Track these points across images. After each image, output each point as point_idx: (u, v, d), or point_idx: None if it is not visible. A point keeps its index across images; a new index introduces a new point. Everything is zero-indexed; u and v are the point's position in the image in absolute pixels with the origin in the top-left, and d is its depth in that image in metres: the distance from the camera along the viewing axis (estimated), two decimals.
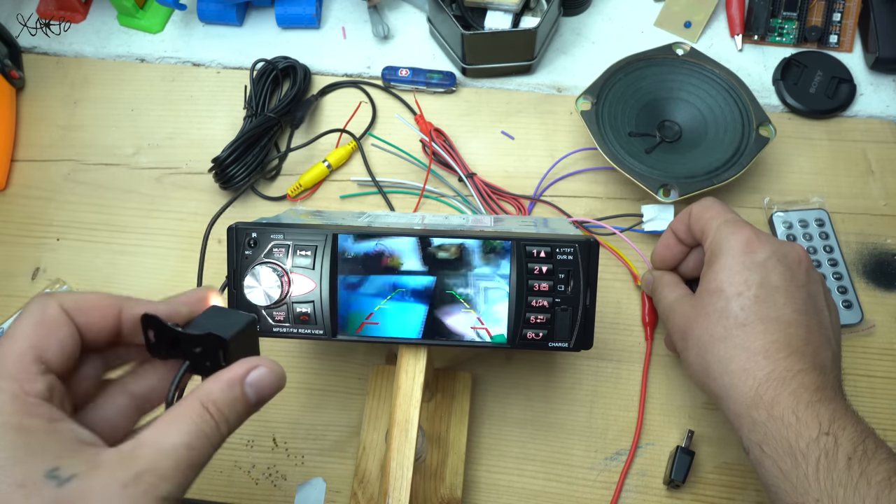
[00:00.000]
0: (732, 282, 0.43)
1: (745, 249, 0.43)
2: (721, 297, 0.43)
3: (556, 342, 0.44)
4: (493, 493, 0.53)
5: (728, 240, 0.44)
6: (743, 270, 0.43)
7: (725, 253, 0.44)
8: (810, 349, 0.41)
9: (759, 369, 0.40)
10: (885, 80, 0.66)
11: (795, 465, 0.37)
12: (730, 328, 0.42)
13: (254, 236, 0.44)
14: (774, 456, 0.38)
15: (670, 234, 0.51)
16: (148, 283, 0.60)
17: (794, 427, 0.38)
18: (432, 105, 0.66)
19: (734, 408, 0.41)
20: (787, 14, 0.67)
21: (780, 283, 0.42)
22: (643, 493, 0.52)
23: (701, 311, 0.44)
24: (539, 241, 0.44)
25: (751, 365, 0.41)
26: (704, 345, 0.43)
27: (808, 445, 0.37)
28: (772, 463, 0.38)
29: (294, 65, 0.66)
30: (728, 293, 0.43)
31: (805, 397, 0.39)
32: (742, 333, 0.42)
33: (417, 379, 0.45)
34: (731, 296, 0.42)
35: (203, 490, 0.54)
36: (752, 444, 0.40)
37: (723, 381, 0.42)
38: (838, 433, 0.37)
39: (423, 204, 0.62)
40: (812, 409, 0.38)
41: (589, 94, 0.60)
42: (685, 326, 0.45)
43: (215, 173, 0.61)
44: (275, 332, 0.45)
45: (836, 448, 0.37)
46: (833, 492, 0.35)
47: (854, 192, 0.61)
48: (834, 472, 0.36)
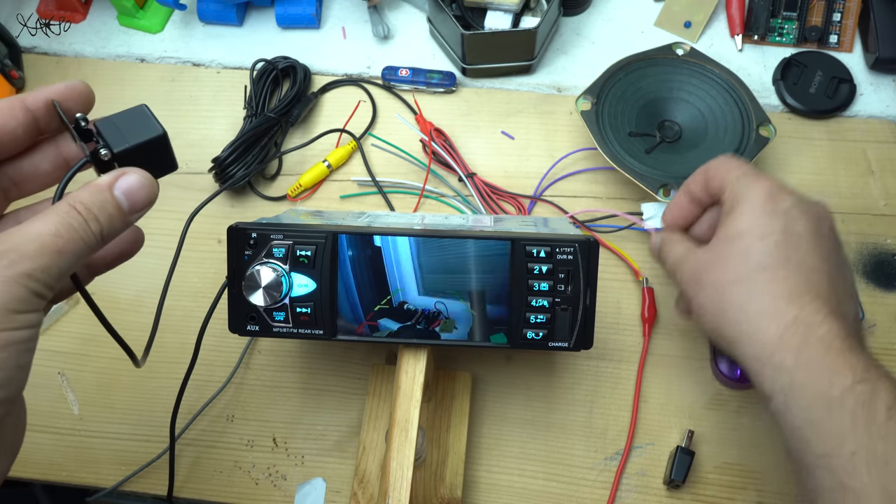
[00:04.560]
0: (754, 226, 0.40)
1: (769, 197, 0.41)
2: (741, 240, 0.41)
3: (556, 342, 0.44)
4: (493, 493, 0.53)
5: (749, 188, 0.42)
6: (765, 216, 0.41)
7: (746, 200, 0.41)
8: (835, 298, 0.39)
9: (782, 314, 0.38)
10: (885, 80, 0.66)
11: (829, 414, 0.34)
12: (750, 271, 0.40)
13: (254, 236, 0.44)
14: (803, 404, 0.36)
15: (684, 193, 0.48)
16: (147, 283, 0.60)
17: (825, 374, 0.35)
18: (432, 105, 0.66)
19: (754, 352, 0.38)
20: (787, 14, 0.67)
21: (804, 231, 0.40)
22: (643, 493, 0.52)
23: (718, 255, 0.42)
24: (539, 240, 0.44)
25: (774, 309, 0.38)
26: (721, 288, 0.41)
27: (842, 394, 0.34)
28: (799, 411, 0.36)
29: (294, 65, 0.66)
30: (749, 237, 0.40)
31: (835, 344, 0.36)
32: (764, 277, 0.39)
33: (417, 379, 0.45)
34: (753, 240, 0.40)
35: (203, 490, 0.54)
36: (774, 391, 0.37)
37: (741, 326, 0.39)
38: (875, 382, 0.35)
39: (423, 204, 0.62)
40: (843, 356, 0.36)
41: (589, 94, 0.60)
42: (699, 271, 0.43)
43: (215, 173, 0.61)
44: (275, 332, 0.45)
45: (874, 397, 0.34)
46: (871, 444, 0.33)
47: (854, 192, 0.61)
48: (873, 423, 0.33)
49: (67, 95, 0.36)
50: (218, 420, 0.56)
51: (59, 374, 0.58)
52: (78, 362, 0.58)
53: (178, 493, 0.54)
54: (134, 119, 0.35)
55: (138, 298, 0.60)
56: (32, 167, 0.37)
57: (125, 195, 0.33)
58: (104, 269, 0.41)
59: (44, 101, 0.35)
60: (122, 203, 0.33)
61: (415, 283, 0.44)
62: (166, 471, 0.53)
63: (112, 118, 0.35)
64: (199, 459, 0.55)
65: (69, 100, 0.36)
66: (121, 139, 0.34)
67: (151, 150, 0.35)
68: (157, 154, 0.36)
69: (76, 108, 0.36)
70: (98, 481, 0.54)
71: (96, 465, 0.55)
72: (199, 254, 0.61)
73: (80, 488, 0.56)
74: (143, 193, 0.34)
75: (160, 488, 0.53)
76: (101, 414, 0.56)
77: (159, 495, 0.54)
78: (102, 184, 0.33)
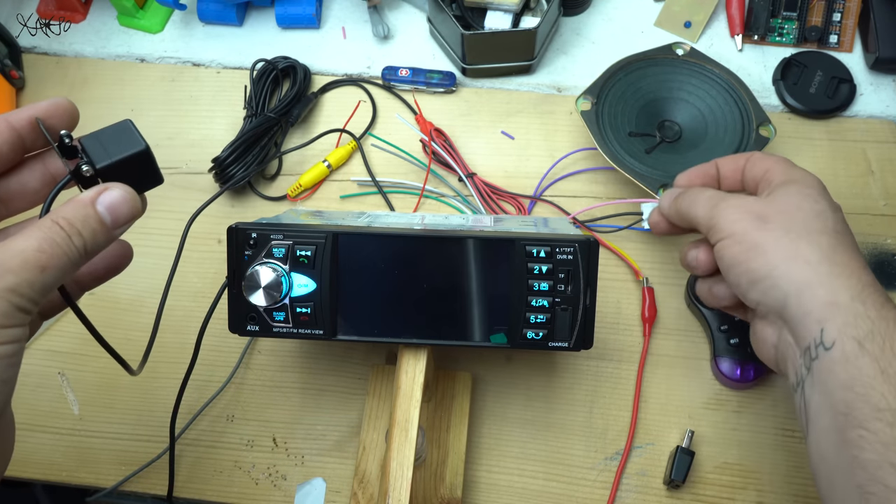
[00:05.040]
0: (827, 198, 0.42)
1: (824, 188, 0.43)
2: (818, 201, 0.41)
3: (556, 342, 0.44)
4: (493, 493, 0.53)
5: (810, 176, 0.43)
6: (827, 199, 0.42)
7: (811, 179, 0.43)
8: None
9: (862, 273, 0.38)
10: (885, 80, 0.66)
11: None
12: (830, 229, 0.40)
13: (254, 236, 0.44)
14: (878, 355, 0.35)
15: (711, 166, 0.49)
16: (147, 283, 0.60)
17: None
18: (432, 105, 0.66)
19: (830, 296, 0.38)
20: (787, 14, 0.67)
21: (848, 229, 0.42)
22: (643, 493, 0.52)
23: (793, 205, 0.41)
24: (539, 240, 0.44)
25: (854, 266, 0.39)
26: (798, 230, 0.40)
27: None
28: (871, 361, 0.35)
29: (294, 65, 0.66)
30: (825, 203, 0.41)
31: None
32: (843, 241, 0.40)
33: (417, 379, 0.45)
34: (828, 206, 0.41)
35: (203, 490, 0.54)
36: (845, 337, 0.36)
37: (822, 267, 0.38)
38: None
39: (423, 204, 0.62)
40: None
41: (589, 94, 0.60)
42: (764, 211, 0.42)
43: (215, 173, 0.61)
44: (275, 332, 0.45)
45: None
46: None
47: (854, 192, 0.61)
48: None
49: (52, 113, 0.36)
50: (218, 420, 0.56)
51: (59, 374, 0.58)
52: (78, 362, 0.58)
53: (178, 493, 0.54)
54: (118, 134, 0.36)
55: (138, 298, 0.60)
56: (20, 185, 0.37)
57: (108, 210, 0.34)
58: (93, 283, 0.41)
59: (28, 120, 0.36)
60: (105, 218, 0.34)
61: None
62: (166, 471, 0.53)
63: (96, 134, 0.35)
64: (199, 459, 0.55)
65: (53, 117, 0.36)
66: (104, 155, 0.35)
67: (134, 165, 0.36)
68: (140, 168, 0.36)
69: (61, 126, 0.36)
70: (98, 481, 0.54)
71: (96, 465, 0.55)
72: (199, 254, 0.61)
73: (80, 488, 0.56)
74: (125, 208, 0.34)
75: (160, 488, 0.53)
76: (101, 414, 0.56)
77: (159, 495, 0.54)
78: (85, 199, 0.33)
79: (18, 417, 0.56)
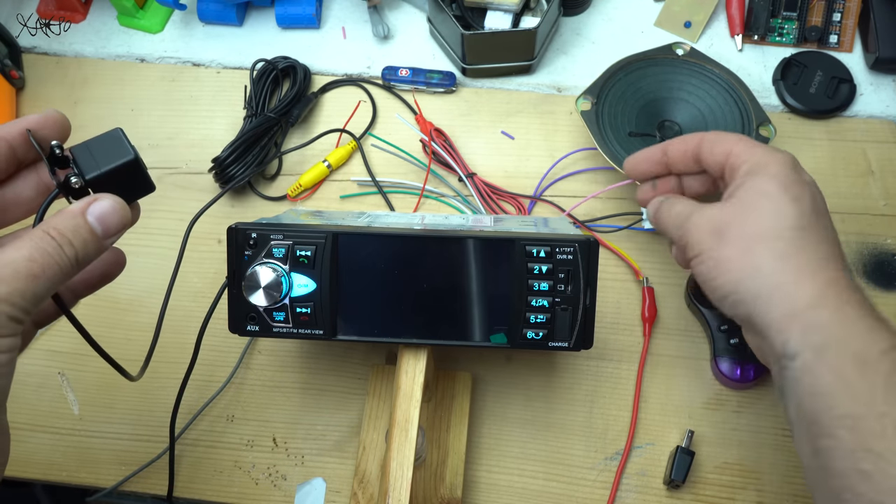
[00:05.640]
0: (788, 188, 0.40)
1: (794, 167, 0.42)
2: (773, 200, 0.40)
3: (556, 342, 0.44)
4: (493, 493, 0.53)
5: (773, 156, 0.42)
6: (795, 184, 0.41)
7: (775, 164, 0.41)
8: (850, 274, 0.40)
9: (822, 271, 0.38)
10: (885, 80, 0.66)
11: (862, 374, 0.34)
12: (787, 228, 0.39)
13: (254, 236, 0.44)
14: (835, 362, 0.35)
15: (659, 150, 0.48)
16: (147, 283, 0.60)
17: (864, 335, 0.35)
18: (432, 105, 0.66)
19: (787, 307, 0.37)
20: (787, 14, 0.67)
21: (823, 207, 0.41)
22: (643, 493, 0.52)
23: (747, 210, 0.41)
24: (539, 240, 0.44)
25: (813, 266, 0.38)
26: (753, 241, 0.40)
27: (878, 357, 0.34)
28: (829, 369, 0.35)
29: (294, 65, 0.66)
30: (784, 197, 0.40)
31: (871, 311, 0.36)
32: (803, 236, 0.39)
33: (417, 379, 0.45)
34: (788, 200, 0.40)
35: (203, 490, 0.54)
36: (805, 347, 0.36)
37: (775, 278, 0.38)
38: None
39: (423, 204, 0.62)
40: (880, 322, 0.36)
41: (589, 94, 0.60)
42: (720, 224, 0.41)
43: (215, 173, 0.61)
44: (275, 333, 0.45)
45: None
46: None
47: (854, 192, 0.61)
48: None
49: (43, 125, 0.36)
50: (218, 420, 0.56)
51: (59, 374, 0.58)
52: (78, 362, 0.58)
53: (178, 493, 0.54)
54: (108, 144, 0.36)
55: (138, 299, 0.60)
56: (14, 195, 0.37)
57: (98, 220, 0.34)
58: (87, 291, 0.41)
59: (20, 132, 0.36)
60: (96, 228, 0.34)
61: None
62: (166, 471, 0.53)
63: (87, 143, 0.36)
64: (199, 459, 0.55)
65: (45, 129, 0.37)
66: (93, 165, 0.35)
67: (124, 175, 0.36)
68: (130, 178, 0.37)
69: (52, 137, 0.37)
70: (98, 481, 0.54)
71: (96, 465, 0.55)
72: (200, 254, 0.61)
73: (80, 488, 0.56)
74: (115, 218, 0.35)
75: (160, 488, 0.53)
76: (101, 414, 0.56)
77: (159, 495, 0.54)
78: (76, 209, 0.34)
79: (19, 417, 0.56)
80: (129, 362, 0.42)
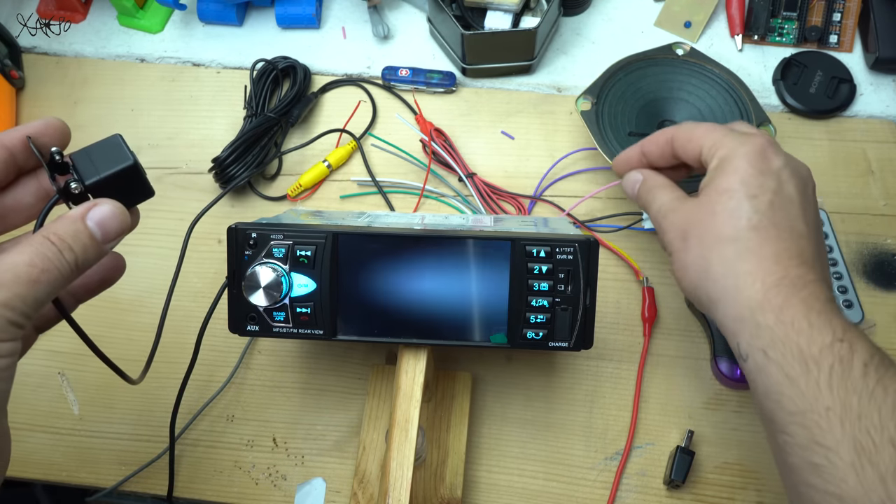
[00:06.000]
0: (747, 184, 0.40)
1: (761, 155, 0.41)
2: (733, 197, 0.40)
3: (556, 342, 0.44)
4: (493, 493, 0.53)
5: (742, 145, 0.41)
6: (758, 175, 0.40)
7: (739, 157, 0.41)
8: (819, 264, 0.39)
9: (768, 274, 0.38)
10: (885, 80, 0.66)
11: (806, 371, 0.35)
12: (741, 229, 0.39)
13: (254, 236, 0.44)
14: (781, 361, 0.36)
15: (637, 149, 0.48)
16: (148, 283, 0.60)
17: (805, 332, 0.36)
18: (432, 105, 0.66)
19: (735, 311, 0.39)
20: (787, 14, 0.68)
21: (794, 194, 0.41)
22: (643, 493, 0.52)
23: (707, 211, 0.41)
24: (539, 240, 0.44)
25: (760, 269, 0.38)
26: (709, 244, 0.40)
27: (821, 351, 0.35)
28: (777, 369, 0.36)
29: (294, 65, 0.66)
30: (741, 194, 0.40)
31: (817, 306, 0.37)
32: (754, 236, 0.39)
33: (417, 379, 0.45)
34: (745, 197, 0.40)
35: (203, 490, 0.54)
36: (753, 349, 0.37)
37: (725, 282, 0.39)
38: (853, 341, 0.35)
39: (423, 204, 0.62)
40: (825, 316, 0.36)
41: (589, 94, 0.60)
42: (686, 225, 0.42)
43: (215, 173, 0.61)
44: (275, 333, 0.45)
45: (852, 354, 0.35)
46: (847, 399, 0.33)
47: (854, 192, 0.61)
48: (849, 379, 0.34)
49: (43, 131, 0.37)
50: (218, 420, 0.56)
51: (59, 374, 0.58)
52: (78, 362, 0.58)
53: (178, 493, 0.54)
54: (107, 150, 0.36)
55: (139, 299, 0.60)
56: (15, 201, 0.38)
57: (98, 225, 0.34)
58: (87, 296, 0.42)
59: (20, 139, 0.36)
60: (96, 233, 0.34)
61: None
62: (166, 471, 0.53)
63: (87, 150, 0.36)
64: (199, 459, 0.55)
65: (45, 135, 0.37)
66: (93, 171, 0.36)
67: (123, 180, 0.36)
68: (129, 183, 0.37)
69: (52, 143, 0.37)
70: (98, 481, 0.54)
71: (96, 465, 0.55)
72: (200, 254, 0.61)
73: (80, 488, 0.56)
74: (115, 223, 0.35)
75: (160, 488, 0.53)
76: (101, 414, 0.56)
77: (159, 495, 0.54)
78: (75, 215, 0.34)
79: (19, 417, 0.56)
80: (130, 362, 0.43)
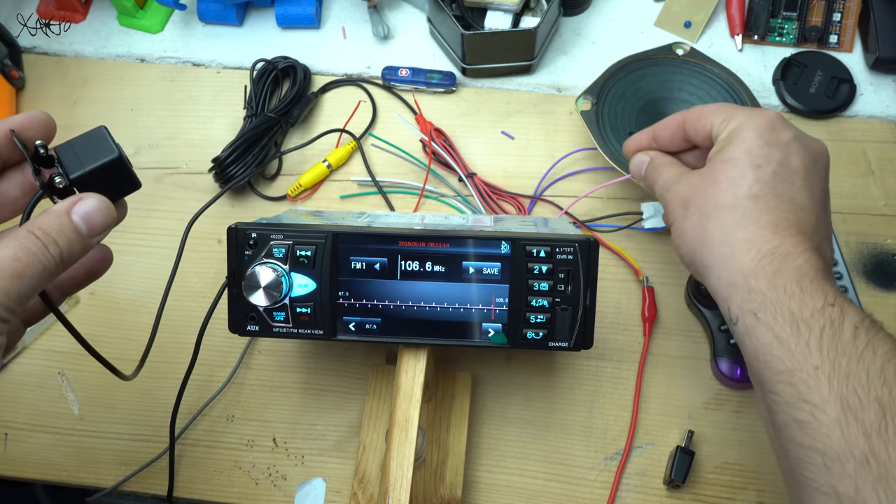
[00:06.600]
0: (752, 154, 0.41)
1: (770, 127, 0.42)
2: (736, 166, 0.41)
3: (556, 342, 0.44)
4: (493, 493, 0.53)
5: (751, 118, 0.42)
6: (764, 146, 0.41)
7: (748, 128, 0.42)
8: (817, 236, 0.40)
9: (764, 242, 0.39)
10: (885, 80, 0.66)
11: (796, 333, 0.36)
12: (740, 198, 0.40)
13: (254, 236, 0.44)
14: (771, 323, 0.37)
15: (647, 134, 0.49)
16: (147, 283, 0.60)
17: (797, 297, 0.37)
18: (432, 105, 0.66)
19: (728, 277, 0.39)
20: (787, 14, 0.67)
21: (800, 167, 0.41)
22: (643, 493, 0.52)
23: (710, 180, 0.42)
24: (539, 240, 0.44)
25: (757, 237, 0.39)
26: (708, 212, 0.41)
27: (812, 314, 0.36)
28: (767, 330, 0.37)
29: (294, 65, 0.66)
30: (745, 163, 0.41)
31: (810, 273, 0.37)
32: (753, 205, 0.40)
33: (417, 379, 0.45)
34: (748, 167, 0.40)
35: (203, 490, 0.54)
36: (744, 312, 0.38)
37: (721, 249, 0.40)
38: (844, 306, 0.36)
39: (423, 204, 0.62)
40: (817, 283, 0.37)
41: (589, 94, 0.60)
42: (689, 194, 0.43)
43: (215, 173, 0.61)
44: (275, 333, 0.45)
45: (843, 317, 0.35)
46: (836, 360, 0.34)
47: (854, 192, 0.61)
48: (839, 341, 0.35)
49: (27, 125, 0.37)
50: (218, 420, 0.56)
51: (59, 374, 0.58)
52: (78, 362, 0.58)
53: (178, 494, 0.54)
54: (92, 142, 0.36)
55: (138, 298, 0.60)
56: (0, 195, 0.38)
57: (83, 219, 0.34)
58: (74, 289, 0.42)
59: (3, 133, 0.36)
60: (81, 227, 0.34)
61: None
62: (166, 471, 0.53)
63: (71, 142, 0.36)
64: (199, 459, 0.55)
65: (29, 129, 0.37)
66: (77, 164, 0.35)
67: (108, 173, 0.36)
68: (115, 176, 0.37)
69: (37, 137, 0.37)
70: (98, 481, 0.54)
71: (96, 465, 0.55)
72: (199, 254, 0.61)
73: (80, 488, 0.56)
74: (100, 217, 0.35)
75: (160, 488, 0.53)
76: (101, 414, 0.56)
77: (159, 495, 0.54)
78: (60, 209, 0.34)
79: (18, 417, 0.56)
80: (129, 362, 0.43)
